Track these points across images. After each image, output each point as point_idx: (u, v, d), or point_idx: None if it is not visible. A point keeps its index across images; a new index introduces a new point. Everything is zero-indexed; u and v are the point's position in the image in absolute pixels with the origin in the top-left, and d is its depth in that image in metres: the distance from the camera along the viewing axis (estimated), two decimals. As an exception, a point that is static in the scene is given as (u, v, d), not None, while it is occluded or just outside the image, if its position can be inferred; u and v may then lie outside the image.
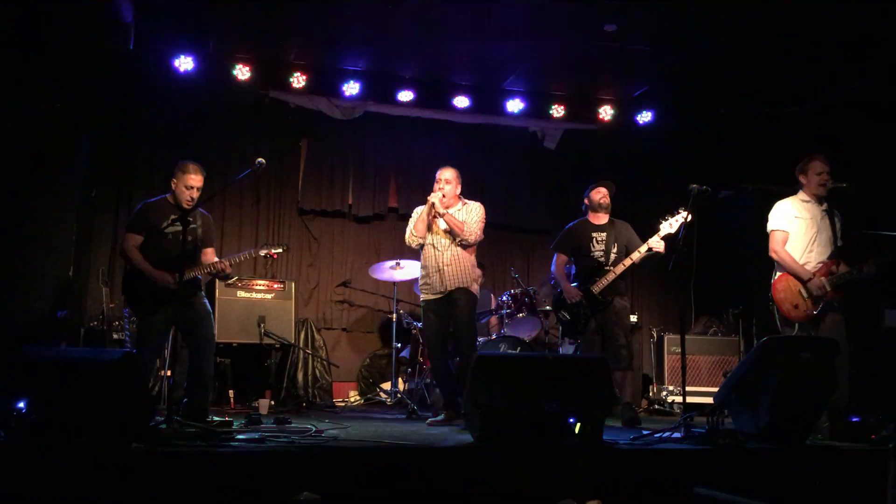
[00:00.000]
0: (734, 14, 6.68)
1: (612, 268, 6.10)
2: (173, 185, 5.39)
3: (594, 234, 6.26)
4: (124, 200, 7.84)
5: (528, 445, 4.09)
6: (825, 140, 6.37)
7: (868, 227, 5.66)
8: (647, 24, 7.04)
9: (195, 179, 5.36)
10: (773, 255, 5.56)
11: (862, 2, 6.22)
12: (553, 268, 6.43)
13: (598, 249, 6.22)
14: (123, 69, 7.57)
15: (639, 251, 6.02)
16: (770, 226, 5.60)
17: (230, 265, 5.48)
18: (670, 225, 5.95)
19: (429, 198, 5.86)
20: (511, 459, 3.95)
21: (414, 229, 5.95)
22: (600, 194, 6.29)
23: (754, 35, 6.95)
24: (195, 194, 5.37)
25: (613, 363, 5.96)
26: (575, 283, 6.24)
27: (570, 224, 6.49)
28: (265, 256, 5.76)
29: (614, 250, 6.18)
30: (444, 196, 5.86)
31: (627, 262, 6.04)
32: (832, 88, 7.19)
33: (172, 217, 5.29)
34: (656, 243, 5.97)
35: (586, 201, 6.39)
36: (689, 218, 5.52)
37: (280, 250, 5.78)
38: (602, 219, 6.30)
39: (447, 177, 5.95)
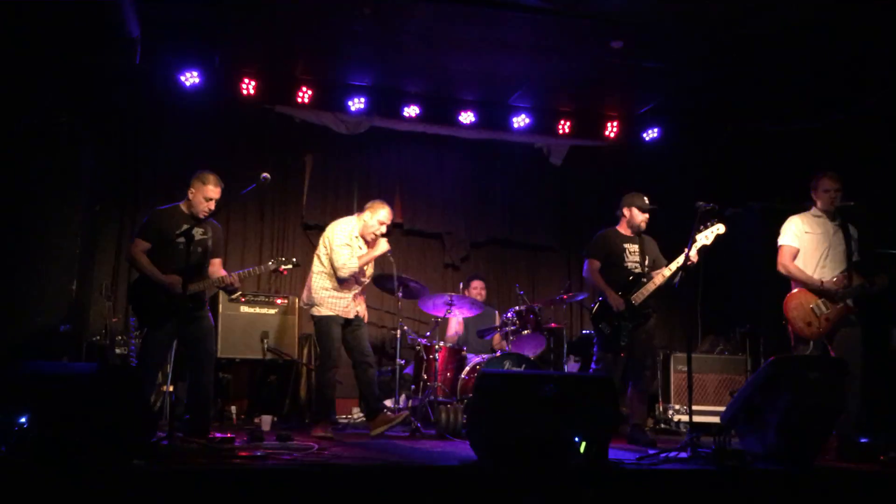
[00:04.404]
0: (741, 31, 6.69)
1: (650, 279, 5.95)
2: (190, 195, 5.31)
3: (626, 245, 6.17)
4: (129, 215, 7.83)
5: (534, 465, 4.05)
6: (834, 157, 6.36)
7: (879, 245, 5.64)
8: (653, 42, 7.04)
9: (215, 192, 5.30)
10: (780, 269, 5.56)
11: (871, 19, 6.22)
12: (587, 274, 6.23)
13: (631, 261, 6.12)
14: (129, 84, 7.59)
15: (676, 261, 5.79)
16: (780, 240, 5.62)
17: (239, 279, 5.45)
18: (706, 237, 5.75)
19: (385, 246, 6.11)
20: (516, 480, 3.91)
21: (356, 269, 6.03)
22: (643, 218, 6.16)
23: (762, 52, 6.96)
24: (213, 206, 5.33)
25: (636, 383, 5.97)
26: None
27: (602, 231, 6.35)
28: (275, 272, 5.73)
29: (646, 262, 6.11)
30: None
31: (667, 272, 5.87)
32: (841, 105, 7.19)
33: (185, 226, 5.24)
34: (694, 254, 5.69)
35: (626, 212, 6.20)
36: (724, 230, 5.58)
37: (290, 266, 5.76)
38: (632, 232, 6.25)
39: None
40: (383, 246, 6.11)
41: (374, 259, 6.15)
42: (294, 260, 5.87)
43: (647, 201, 6.17)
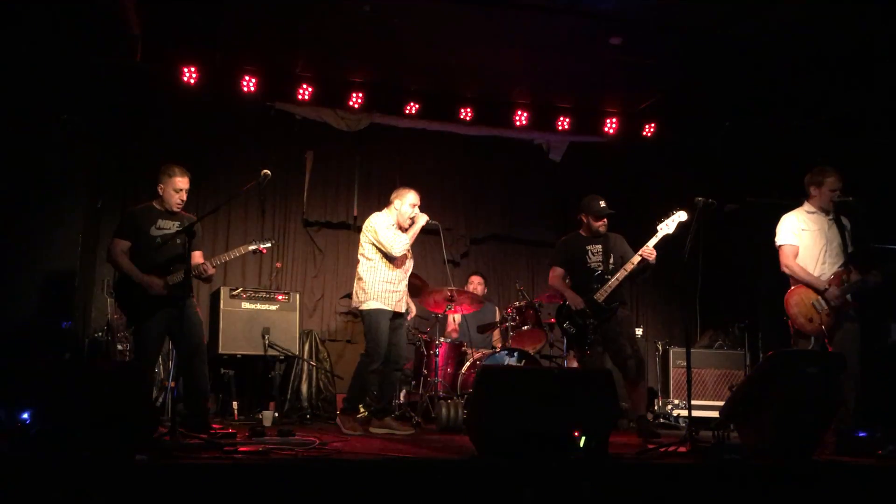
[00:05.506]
0: (740, 27, 6.69)
1: (611, 276, 6.07)
2: (160, 190, 5.45)
3: (589, 247, 6.27)
4: (130, 211, 7.85)
5: (533, 460, 4.07)
6: (830, 153, 6.36)
7: (875, 240, 5.64)
8: (652, 38, 7.05)
9: (182, 182, 5.43)
10: (785, 269, 5.55)
11: (868, 15, 6.23)
12: (551, 281, 6.43)
13: (594, 261, 6.22)
14: (130, 80, 7.60)
15: (637, 254, 5.98)
16: (778, 241, 5.59)
17: (213, 266, 5.48)
18: (667, 225, 5.95)
19: (424, 217, 6.09)
20: (515, 474, 3.93)
21: (408, 243, 6.05)
22: (601, 224, 6.23)
23: (760, 48, 6.96)
24: (184, 196, 5.46)
25: (623, 374, 5.98)
26: None
27: (564, 237, 6.53)
28: (255, 252, 5.79)
29: (611, 261, 6.19)
30: None
31: (629, 266, 6.00)
32: (840, 102, 7.20)
33: (160, 221, 5.40)
34: (648, 252, 5.93)
35: (584, 218, 6.33)
36: (686, 218, 5.56)
37: (269, 245, 5.86)
38: (593, 234, 6.33)
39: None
40: (422, 218, 6.13)
41: (418, 232, 6.13)
42: (272, 239, 5.99)
43: (602, 205, 6.22)
